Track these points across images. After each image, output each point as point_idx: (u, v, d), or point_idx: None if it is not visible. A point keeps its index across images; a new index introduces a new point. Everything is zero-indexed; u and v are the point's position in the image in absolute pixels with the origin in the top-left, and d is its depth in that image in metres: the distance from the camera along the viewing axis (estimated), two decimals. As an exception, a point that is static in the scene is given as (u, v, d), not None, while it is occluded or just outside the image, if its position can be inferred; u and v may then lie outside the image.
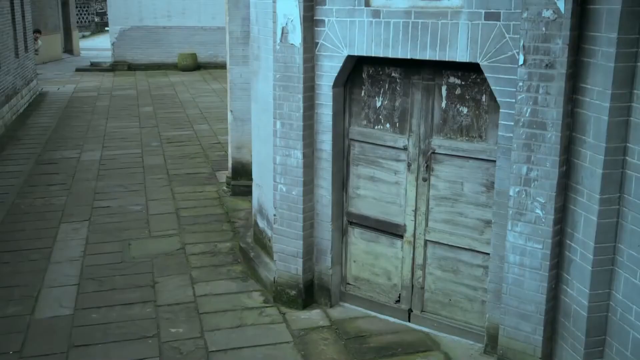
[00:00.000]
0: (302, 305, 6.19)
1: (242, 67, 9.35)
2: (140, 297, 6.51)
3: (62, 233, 8.24)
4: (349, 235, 6.20)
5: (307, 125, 5.88)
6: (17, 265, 7.30)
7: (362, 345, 5.58)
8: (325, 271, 6.17)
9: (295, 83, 5.80)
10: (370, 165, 5.93)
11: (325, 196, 6.02)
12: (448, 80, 5.36)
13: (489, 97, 5.17)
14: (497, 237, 5.13)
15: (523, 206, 4.81)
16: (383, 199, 5.91)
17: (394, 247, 5.93)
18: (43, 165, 11.47)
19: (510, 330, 5.05)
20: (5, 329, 5.91)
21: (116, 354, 5.48)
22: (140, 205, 9.27)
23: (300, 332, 5.82)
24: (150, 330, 5.87)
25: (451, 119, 5.41)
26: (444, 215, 5.59)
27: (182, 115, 15.91)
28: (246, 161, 9.71)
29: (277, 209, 6.17)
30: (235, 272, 7.10)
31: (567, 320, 4.82)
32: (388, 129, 5.77)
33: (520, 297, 4.95)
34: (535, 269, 4.84)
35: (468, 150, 5.35)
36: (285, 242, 6.16)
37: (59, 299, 6.47)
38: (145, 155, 12.05)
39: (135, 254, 7.57)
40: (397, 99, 5.67)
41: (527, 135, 4.69)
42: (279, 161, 6.05)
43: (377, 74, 5.75)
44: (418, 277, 5.82)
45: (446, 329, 5.70)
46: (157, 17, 24.70)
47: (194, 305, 6.32)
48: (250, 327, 5.93)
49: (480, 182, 5.35)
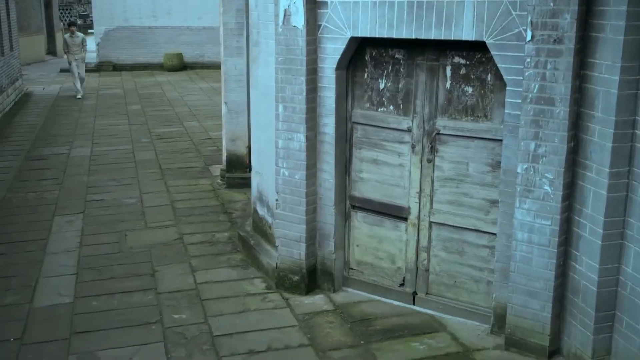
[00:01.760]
0: (305, 291, 6.15)
1: (237, 59, 9.32)
2: (140, 285, 6.44)
3: (56, 225, 8.14)
4: (352, 220, 6.17)
5: (310, 108, 5.86)
6: (13, 256, 7.20)
7: (368, 328, 5.56)
8: (329, 256, 6.14)
9: (298, 66, 5.77)
10: (374, 148, 5.91)
11: (329, 180, 5.99)
12: (452, 60, 5.36)
13: (494, 76, 5.17)
14: (503, 216, 5.14)
15: (531, 183, 4.81)
16: (386, 182, 5.90)
17: (397, 230, 5.91)
18: (33, 161, 11.34)
19: (518, 309, 5.05)
20: (4, 318, 5.83)
21: (119, 339, 5.41)
22: (135, 198, 9.19)
23: (305, 316, 5.79)
24: (152, 316, 5.81)
25: (456, 99, 5.41)
26: (448, 196, 5.58)
27: (171, 113, 15.82)
28: (241, 153, 9.68)
29: (279, 194, 6.13)
30: (235, 260, 7.05)
31: (575, 297, 4.82)
32: (391, 111, 5.76)
33: (528, 274, 4.95)
34: (543, 246, 4.85)
35: (473, 130, 5.35)
36: (287, 227, 6.13)
37: (57, 288, 6.38)
38: (136, 151, 11.96)
39: (132, 244, 7.49)
40: (400, 80, 5.66)
41: (535, 111, 4.70)
42: (282, 145, 6.02)
43: (380, 56, 5.74)
44: (423, 259, 5.80)
45: (451, 311, 5.69)
46: (142, 17, 24.56)
47: (196, 292, 6.26)
48: (253, 312, 5.89)
49: (486, 162, 5.35)
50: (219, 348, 5.26)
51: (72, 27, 18.24)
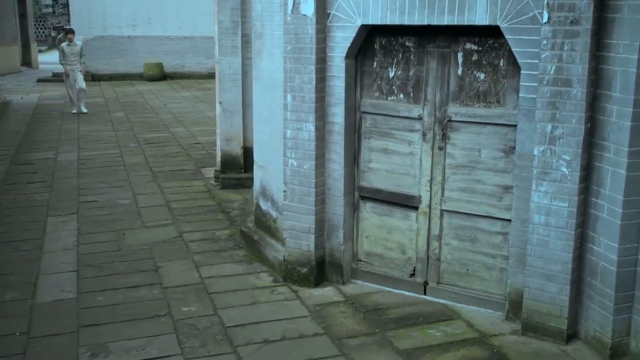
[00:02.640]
0: (313, 283, 6.13)
1: (231, 58, 9.32)
2: (144, 280, 6.37)
3: (50, 225, 8.02)
4: (361, 210, 6.18)
5: (319, 97, 5.87)
6: (8, 255, 7.07)
7: (381, 317, 5.55)
8: (337, 247, 6.13)
9: (308, 54, 5.79)
10: (383, 138, 5.94)
11: (338, 170, 6.00)
12: (464, 46, 5.42)
13: (507, 62, 5.24)
14: (518, 201, 5.18)
15: (548, 165, 4.87)
16: (396, 171, 5.92)
17: (408, 219, 5.93)
18: (19, 165, 11.18)
19: (535, 293, 5.08)
20: (6, 313, 5.71)
21: (129, 332, 5.34)
22: (129, 199, 9.10)
23: (316, 307, 5.76)
24: (161, 309, 5.74)
25: (468, 85, 5.46)
26: (460, 183, 5.62)
27: (155, 120, 15.73)
28: (235, 154, 9.65)
29: (287, 185, 6.12)
30: (239, 256, 7.00)
31: (593, 279, 4.87)
32: (402, 99, 5.80)
33: (545, 257, 4.99)
34: (560, 228, 4.89)
35: (486, 116, 5.40)
36: (296, 219, 6.11)
37: (59, 284, 6.28)
38: (124, 155, 11.86)
39: (131, 242, 7.41)
40: (411, 68, 5.71)
41: (552, 93, 4.76)
42: (290, 135, 6.02)
43: (389, 44, 5.78)
44: (434, 248, 5.82)
45: (464, 300, 5.71)
46: (121, 27, 24.45)
47: (203, 286, 6.21)
48: (264, 304, 5.85)
49: (499, 148, 5.40)
50: (232, 338, 5.22)
51: (70, 34, 16.93)
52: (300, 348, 5.07)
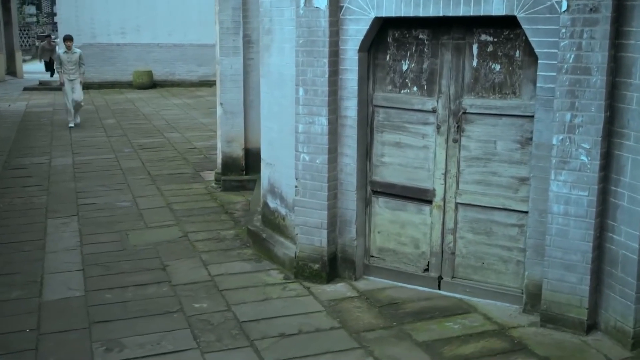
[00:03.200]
0: (326, 279, 6.13)
1: (233, 58, 9.35)
2: (152, 278, 6.35)
3: (51, 227, 7.98)
4: (373, 206, 6.20)
5: (332, 91, 5.91)
6: (10, 255, 7.02)
7: (397, 311, 5.56)
8: (350, 243, 6.15)
9: (321, 47, 5.83)
10: (396, 131, 5.98)
11: (350, 164, 6.02)
12: (479, 38, 5.48)
13: (523, 52, 5.30)
14: (536, 191, 5.22)
15: (567, 154, 4.92)
16: (410, 165, 5.95)
17: (422, 213, 5.96)
18: (12, 170, 11.11)
19: (554, 283, 5.12)
20: (14, 311, 5.67)
21: (142, 327, 5.31)
22: (129, 202, 9.07)
23: (330, 302, 5.76)
24: (172, 306, 5.72)
25: (483, 77, 5.52)
26: (475, 176, 5.66)
27: (148, 126, 15.70)
28: (237, 155, 9.66)
29: (299, 180, 6.14)
30: (247, 254, 7.00)
31: (614, 268, 4.91)
32: (415, 92, 5.84)
33: (565, 247, 5.03)
34: (580, 217, 4.94)
35: (501, 107, 5.45)
36: (308, 214, 6.12)
37: (65, 283, 6.24)
38: (120, 160, 11.82)
39: (135, 242, 7.39)
40: (424, 61, 5.76)
41: (571, 81, 4.82)
42: (302, 129, 6.04)
43: (403, 37, 5.83)
44: (448, 242, 5.85)
45: (480, 294, 5.73)
46: (110, 34, 24.43)
47: (213, 284, 6.19)
48: (276, 300, 5.85)
49: (514, 139, 5.45)
50: (248, 332, 5.21)
51: (69, 41, 15.64)
52: (318, 341, 5.07)
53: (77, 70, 15.40)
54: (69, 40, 15.71)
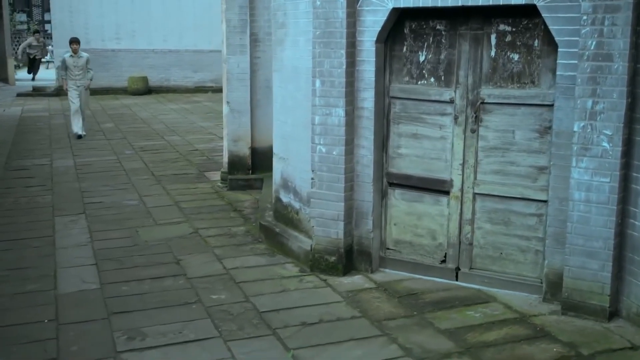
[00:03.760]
0: (342, 272, 6.18)
1: (240, 57, 9.42)
2: (167, 272, 6.38)
3: (59, 224, 7.99)
4: (389, 197, 6.27)
5: (349, 82, 5.98)
6: (21, 251, 7.04)
7: (417, 301, 5.62)
8: (366, 235, 6.20)
9: (338, 38, 5.90)
10: (413, 122, 6.05)
11: (367, 156, 6.09)
12: (498, 28, 5.57)
13: (542, 42, 5.39)
14: (556, 180, 5.30)
15: (588, 141, 5.00)
16: (427, 156, 6.03)
17: (439, 204, 6.02)
18: (14, 171, 11.11)
19: (575, 271, 5.19)
20: (30, 303, 5.69)
21: (162, 317, 5.34)
22: (135, 201, 9.10)
23: (349, 293, 5.81)
24: (190, 297, 5.76)
25: (501, 67, 5.60)
26: (494, 166, 5.74)
27: (148, 130, 15.73)
28: (243, 154, 9.71)
29: (315, 172, 6.20)
30: (260, 249, 7.04)
31: (636, 255, 4.99)
32: (432, 83, 5.92)
33: (586, 234, 5.11)
34: (602, 204, 5.02)
35: (520, 97, 5.54)
36: (324, 206, 6.18)
37: (79, 276, 6.27)
38: (122, 161, 11.85)
39: (146, 238, 7.42)
40: (442, 51, 5.84)
41: (593, 68, 4.91)
42: (319, 121, 6.11)
43: (420, 28, 5.92)
44: (466, 233, 5.92)
45: (498, 284, 5.79)
46: (105, 40, 24.44)
47: (229, 277, 6.23)
48: (294, 291, 5.90)
49: (533, 128, 5.53)
50: (269, 322, 5.25)
51: (75, 44, 14.38)
52: (340, 329, 5.12)
53: (84, 76, 14.37)
54: (75, 42, 14.48)
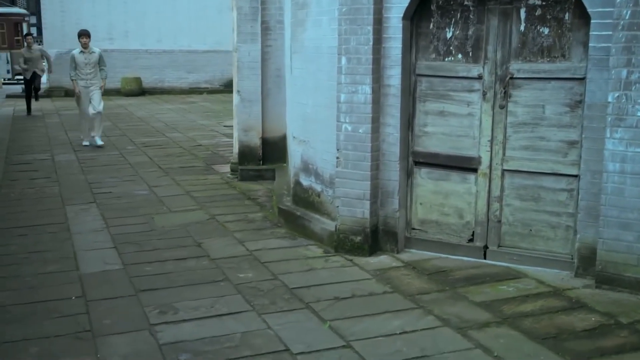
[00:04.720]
0: (368, 252, 6.23)
1: (251, 45, 9.48)
2: (189, 253, 6.42)
3: (71, 212, 8.00)
4: (415, 177, 6.33)
5: (375, 59, 6.05)
6: (37, 236, 7.04)
7: (447, 278, 5.68)
8: (392, 214, 6.26)
9: (365, 15, 5.98)
10: (440, 100, 6.13)
11: (393, 134, 6.16)
12: (527, 2, 5.67)
13: (573, 15, 5.49)
14: (588, 152, 5.39)
15: (623, 111, 5.10)
16: (454, 134, 6.10)
17: (466, 182, 6.10)
18: (16, 165, 11.10)
19: (610, 243, 5.27)
20: (55, 282, 5.71)
21: (191, 294, 5.38)
22: (145, 191, 9.12)
23: (377, 271, 5.87)
24: (217, 276, 5.80)
25: (531, 41, 5.70)
26: (523, 141, 5.82)
27: (147, 127, 15.75)
28: (254, 145, 9.76)
29: (340, 151, 6.26)
30: (280, 233, 7.09)
31: (671, 225, 5.08)
32: (460, 59, 6.01)
33: (621, 206, 5.19)
34: (637, 175, 5.11)
35: (550, 71, 5.63)
36: (349, 185, 6.24)
37: (101, 258, 6.29)
38: (126, 155, 11.87)
39: (163, 224, 7.45)
40: (470, 27, 5.93)
41: (627, 38, 5.01)
42: (344, 99, 6.17)
43: (447, 4, 6.01)
44: (495, 210, 5.99)
45: (528, 261, 5.86)
46: (97, 40, 24.27)
47: (253, 257, 6.28)
48: (321, 270, 5.95)
49: (564, 103, 5.62)
50: (301, 297, 5.30)
51: (85, 37, 12.60)
52: (374, 303, 5.18)
53: (96, 75, 12.66)
54: (85, 36, 12.67)
